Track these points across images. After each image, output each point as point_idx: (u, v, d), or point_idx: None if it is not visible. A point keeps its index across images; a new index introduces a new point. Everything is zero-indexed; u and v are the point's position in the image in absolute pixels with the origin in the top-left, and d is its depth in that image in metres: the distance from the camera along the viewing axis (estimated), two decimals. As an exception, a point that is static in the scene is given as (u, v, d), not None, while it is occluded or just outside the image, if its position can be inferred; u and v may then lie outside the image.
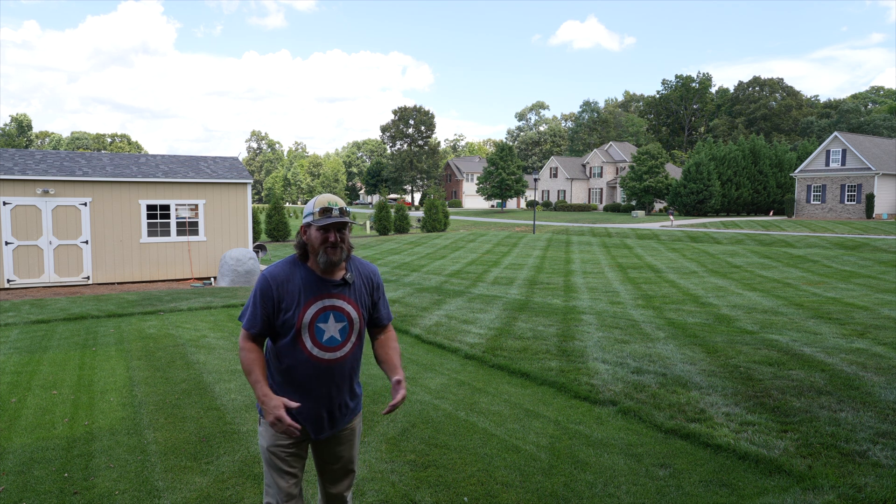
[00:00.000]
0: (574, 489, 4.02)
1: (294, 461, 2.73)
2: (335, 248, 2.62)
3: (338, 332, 2.70)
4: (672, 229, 36.94)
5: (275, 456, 2.70)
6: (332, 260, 2.63)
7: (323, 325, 2.67)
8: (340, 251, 2.64)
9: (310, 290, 2.66)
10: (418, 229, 41.40)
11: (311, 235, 2.65)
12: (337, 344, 2.70)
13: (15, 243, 14.53)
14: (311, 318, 2.64)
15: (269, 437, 2.71)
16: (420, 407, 5.66)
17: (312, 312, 2.65)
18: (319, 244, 2.62)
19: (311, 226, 2.64)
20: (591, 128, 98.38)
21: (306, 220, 2.67)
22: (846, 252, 22.71)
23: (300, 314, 2.63)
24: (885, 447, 4.53)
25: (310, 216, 2.66)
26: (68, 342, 8.61)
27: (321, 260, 2.64)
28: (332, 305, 2.68)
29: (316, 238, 2.63)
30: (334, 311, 2.69)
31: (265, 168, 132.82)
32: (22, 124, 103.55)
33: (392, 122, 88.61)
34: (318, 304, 2.66)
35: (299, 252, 2.71)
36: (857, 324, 9.58)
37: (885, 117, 75.88)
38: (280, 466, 2.70)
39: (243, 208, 17.11)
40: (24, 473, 4.30)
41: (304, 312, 2.64)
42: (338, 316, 2.69)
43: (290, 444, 2.72)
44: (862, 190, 44.69)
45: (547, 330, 9.03)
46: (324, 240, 2.61)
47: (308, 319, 2.64)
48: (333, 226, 2.61)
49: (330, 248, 2.62)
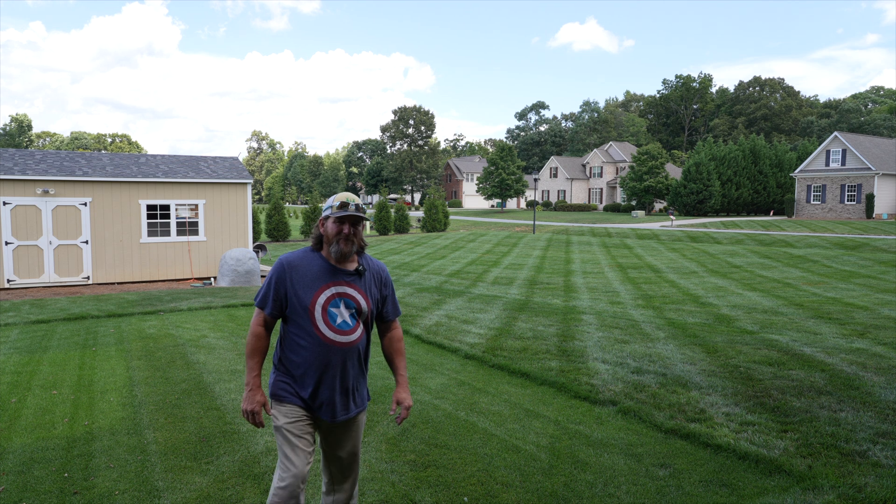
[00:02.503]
0: (574, 489, 4.02)
1: (309, 438, 2.87)
2: (348, 240, 2.81)
3: (349, 318, 2.86)
4: (672, 229, 36.93)
5: (290, 433, 2.82)
6: (344, 251, 2.81)
7: (335, 309, 2.83)
8: (352, 244, 2.83)
9: (324, 277, 2.84)
10: (418, 229, 41.39)
11: (327, 227, 2.85)
12: (349, 328, 2.85)
13: (15, 243, 14.53)
14: (324, 301, 2.81)
15: (282, 417, 2.84)
16: (420, 407, 5.66)
17: (326, 297, 2.82)
18: (334, 235, 2.82)
19: (328, 218, 2.85)
20: (591, 128, 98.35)
21: (325, 213, 2.88)
22: (846, 252, 22.70)
23: (314, 297, 2.81)
24: (885, 447, 4.53)
25: (328, 209, 2.86)
26: (68, 342, 8.61)
27: (333, 250, 2.83)
28: (343, 293, 2.85)
29: (332, 229, 2.82)
30: (345, 297, 2.85)
31: (265, 168, 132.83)
32: (22, 124, 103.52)
33: (392, 122, 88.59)
34: (331, 290, 2.84)
35: (314, 242, 2.91)
36: (857, 324, 9.58)
37: (886, 117, 75.88)
38: (296, 443, 2.81)
39: (243, 208, 17.11)
40: (24, 473, 4.30)
41: (317, 296, 2.81)
42: (348, 303, 2.86)
43: (307, 423, 2.86)
44: (862, 190, 44.68)
45: (547, 330, 9.03)
46: (338, 231, 2.81)
47: (322, 302, 2.81)
48: (349, 219, 2.81)
49: (343, 239, 2.81)
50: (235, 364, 7.30)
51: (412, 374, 6.78)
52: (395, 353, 3.09)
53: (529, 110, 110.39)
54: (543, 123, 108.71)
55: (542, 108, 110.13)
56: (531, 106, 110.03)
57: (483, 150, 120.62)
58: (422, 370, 6.98)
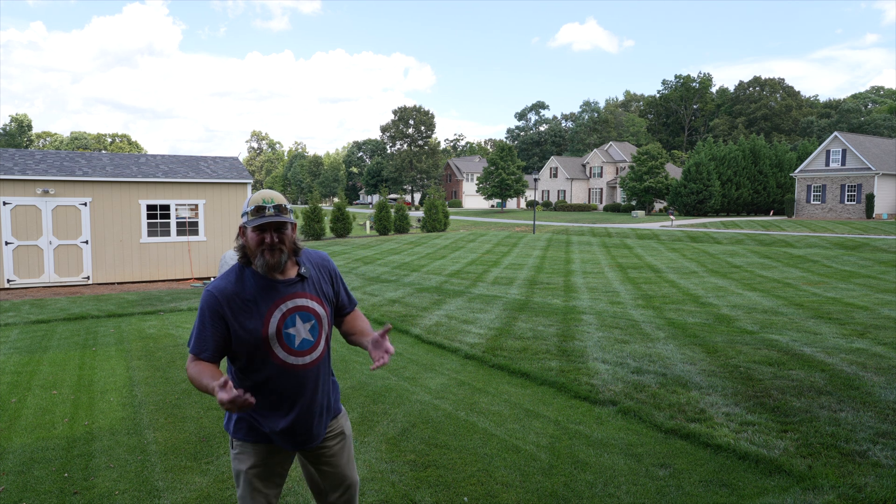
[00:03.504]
0: (574, 489, 4.02)
1: (278, 483, 2.57)
2: (273, 251, 2.36)
3: (308, 333, 2.46)
4: (672, 229, 36.93)
5: (257, 479, 2.49)
6: (271, 263, 2.37)
7: (292, 329, 2.41)
8: (280, 253, 2.37)
9: (267, 296, 2.39)
10: (418, 229, 41.39)
11: (247, 238, 2.39)
12: (310, 346, 2.46)
13: (15, 243, 14.53)
14: (276, 325, 2.38)
15: (246, 459, 2.49)
16: (420, 407, 5.66)
17: (277, 319, 2.39)
18: (256, 246, 2.37)
19: (245, 228, 2.39)
20: (591, 128, 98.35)
21: (241, 222, 2.42)
22: (846, 252, 22.70)
23: (264, 324, 2.37)
24: (885, 447, 4.53)
25: (244, 218, 2.40)
26: (68, 342, 8.61)
27: (259, 263, 2.38)
28: (295, 307, 2.43)
29: (252, 240, 2.37)
30: (299, 311, 2.44)
31: (265, 168, 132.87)
32: (22, 124, 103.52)
33: (392, 122, 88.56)
34: (281, 308, 2.40)
35: (241, 256, 2.44)
36: (857, 324, 9.58)
37: (886, 117, 75.88)
38: (262, 490, 2.50)
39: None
40: (24, 473, 4.30)
41: (267, 321, 2.37)
42: (304, 316, 2.45)
43: (276, 462, 2.53)
44: (862, 190, 44.68)
45: (547, 330, 9.03)
46: (259, 241, 2.36)
47: (274, 328, 2.38)
48: (269, 225, 2.35)
49: (267, 250, 2.36)
50: (235, 364, 7.29)
51: (412, 375, 6.79)
52: (357, 321, 2.68)
53: (529, 110, 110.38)
54: (543, 123, 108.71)
55: (542, 108, 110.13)
56: (531, 106, 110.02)
57: (483, 150, 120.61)
58: (422, 370, 6.98)
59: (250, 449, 2.49)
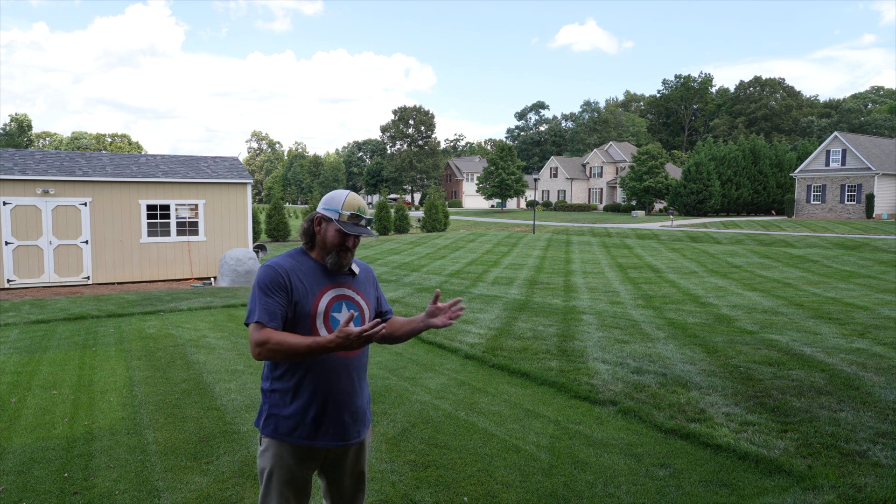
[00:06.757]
0: (574, 489, 4.02)
1: (307, 490, 2.53)
2: (348, 253, 2.52)
3: (352, 323, 2.49)
4: (672, 229, 36.93)
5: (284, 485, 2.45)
6: (342, 263, 2.52)
7: (337, 314, 2.50)
8: (351, 256, 2.55)
9: (321, 279, 2.50)
10: (418, 229, 41.38)
11: (327, 232, 2.50)
12: None
13: (15, 243, 14.53)
14: (325, 306, 2.47)
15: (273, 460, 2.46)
16: (420, 407, 5.66)
17: (327, 300, 2.48)
18: (335, 245, 2.49)
19: (331, 222, 2.48)
20: (591, 128, 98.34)
21: (327, 215, 2.49)
22: (846, 252, 22.70)
23: (314, 302, 2.45)
24: (885, 447, 4.53)
25: (333, 213, 2.49)
26: (68, 342, 8.61)
27: (330, 260, 2.51)
28: (343, 294, 2.54)
29: (333, 237, 2.48)
30: (346, 300, 2.54)
31: (265, 168, 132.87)
32: (22, 124, 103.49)
33: (392, 122, 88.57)
34: (332, 293, 2.50)
35: (306, 241, 2.56)
36: (857, 324, 9.58)
37: (886, 117, 75.86)
38: (288, 496, 2.45)
39: (243, 208, 17.11)
40: (24, 473, 4.30)
41: (318, 300, 2.45)
42: (350, 305, 2.54)
43: (307, 468, 2.50)
44: (862, 190, 44.68)
45: (547, 330, 9.03)
46: (341, 243, 2.49)
47: (323, 308, 2.46)
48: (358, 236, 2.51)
49: (344, 251, 2.50)
50: (235, 364, 7.30)
51: (412, 375, 6.79)
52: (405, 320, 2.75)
53: (529, 110, 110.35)
54: (543, 123, 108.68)
55: (542, 108, 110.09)
56: (531, 106, 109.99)
57: (483, 150, 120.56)
58: (422, 370, 6.98)
59: (277, 447, 2.48)
